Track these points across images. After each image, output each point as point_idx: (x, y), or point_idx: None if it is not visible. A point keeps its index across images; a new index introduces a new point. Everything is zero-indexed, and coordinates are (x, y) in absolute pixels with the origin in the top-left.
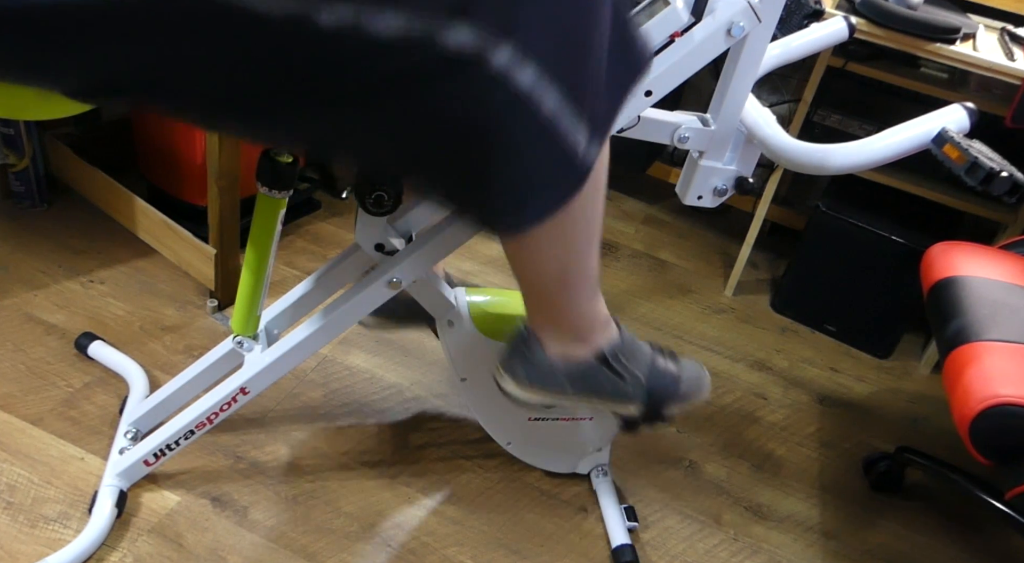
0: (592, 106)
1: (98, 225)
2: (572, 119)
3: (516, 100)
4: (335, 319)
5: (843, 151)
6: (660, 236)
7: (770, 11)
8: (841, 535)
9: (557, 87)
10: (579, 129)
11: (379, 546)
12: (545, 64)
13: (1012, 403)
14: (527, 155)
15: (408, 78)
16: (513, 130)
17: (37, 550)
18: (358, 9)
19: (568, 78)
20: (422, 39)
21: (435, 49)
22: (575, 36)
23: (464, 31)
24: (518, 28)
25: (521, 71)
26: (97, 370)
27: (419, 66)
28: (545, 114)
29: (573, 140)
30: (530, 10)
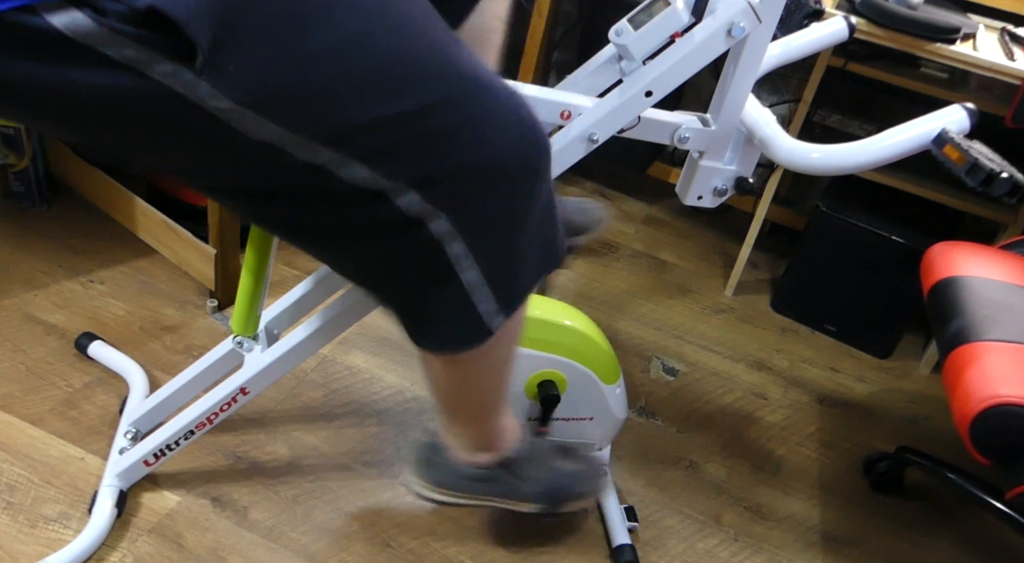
0: (506, 286)
1: (98, 225)
2: (485, 292)
3: (443, 264)
4: (335, 319)
5: (843, 151)
6: (660, 236)
7: (770, 11)
8: (841, 535)
9: (480, 265)
10: (490, 302)
11: (379, 546)
12: (474, 245)
13: (1012, 403)
14: (441, 308)
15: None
16: (435, 285)
17: (37, 550)
18: (336, 158)
19: (491, 261)
20: (379, 194)
21: (388, 204)
22: (506, 229)
23: (415, 199)
24: (459, 211)
25: (452, 243)
26: (97, 370)
27: (372, 212)
28: (464, 282)
29: (483, 309)
30: (474, 202)
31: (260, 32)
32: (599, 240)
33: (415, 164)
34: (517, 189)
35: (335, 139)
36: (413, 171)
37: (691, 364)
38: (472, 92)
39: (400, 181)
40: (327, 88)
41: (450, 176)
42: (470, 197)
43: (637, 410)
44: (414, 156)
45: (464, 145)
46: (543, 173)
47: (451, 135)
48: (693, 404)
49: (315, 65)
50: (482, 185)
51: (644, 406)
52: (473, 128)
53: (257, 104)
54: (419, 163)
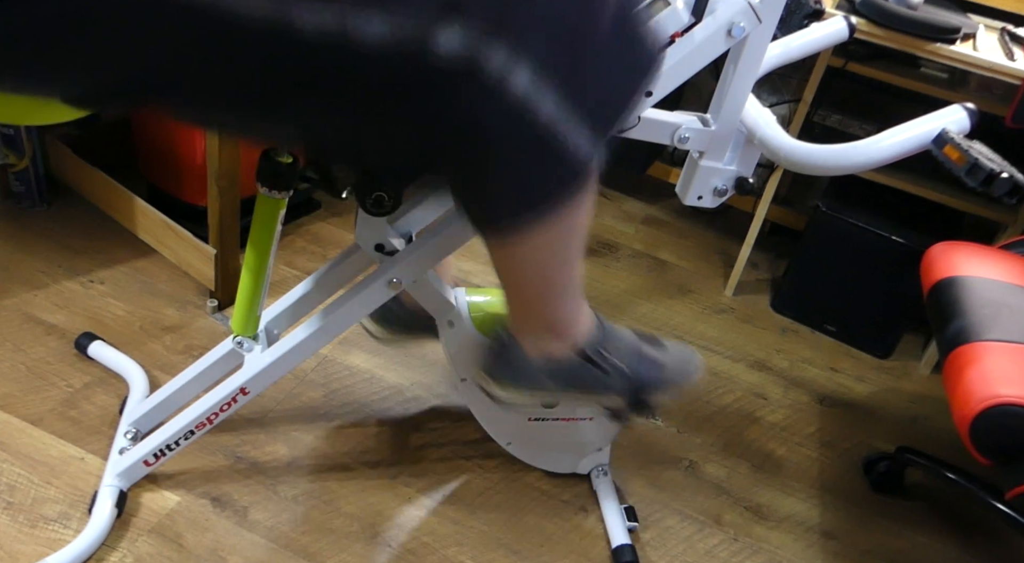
0: (593, 107)
1: (98, 225)
2: (571, 122)
3: (512, 107)
4: (335, 319)
5: (843, 152)
6: (660, 236)
7: (770, 11)
8: (841, 535)
9: (554, 89)
10: (579, 132)
11: (379, 546)
12: (541, 65)
13: (1012, 403)
14: (525, 160)
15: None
16: (510, 137)
17: (37, 550)
18: (340, 12)
19: (566, 79)
20: (412, 47)
21: (426, 58)
22: (573, 34)
23: (455, 33)
24: (511, 27)
25: (516, 74)
26: (97, 370)
27: (411, 77)
28: (542, 119)
29: (572, 143)
30: (524, 9)
31: None
32: (599, 240)
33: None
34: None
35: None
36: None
37: None
38: None
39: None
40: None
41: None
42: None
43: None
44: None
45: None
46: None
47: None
48: (693, 404)
49: None
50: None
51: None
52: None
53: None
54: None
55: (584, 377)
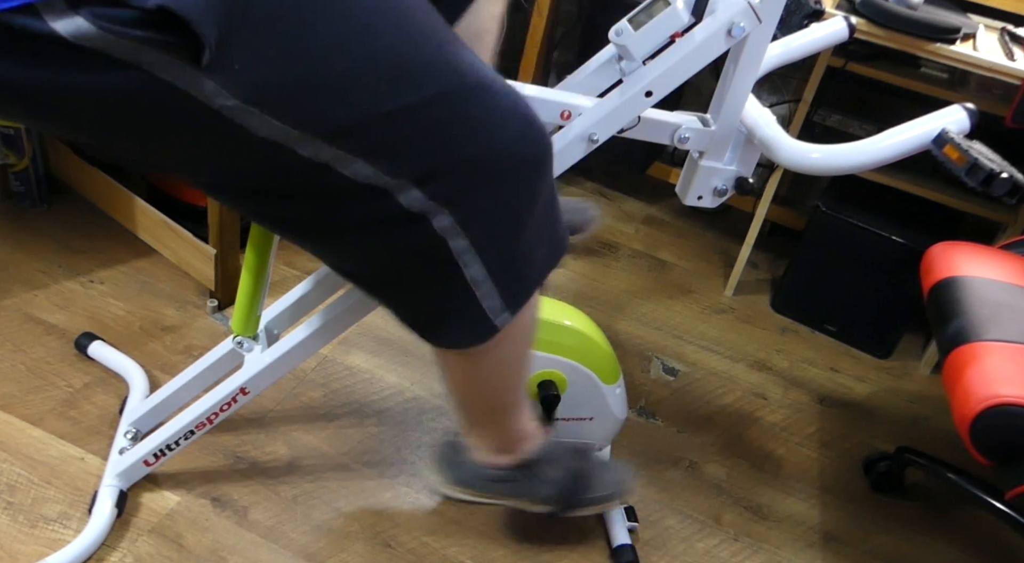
0: (512, 283)
1: (98, 225)
2: (490, 288)
3: (447, 259)
4: (335, 319)
5: (843, 151)
6: (660, 236)
7: (770, 11)
8: (841, 535)
9: (484, 261)
10: (495, 298)
11: (379, 546)
12: (477, 240)
13: (1012, 403)
14: (446, 304)
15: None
16: (439, 281)
17: (37, 550)
18: (334, 155)
19: (495, 256)
20: (382, 191)
21: (391, 201)
22: (510, 224)
23: (417, 195)
24: (461, 206)
25: (455, 238)
26: (97, 370)
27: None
28: (468, 278)
29: (488, 305)
30: (477, 198)
31: (264, 29)
32: (599, 240)
33: (417, 159)
34: (519, 184)
35: (338, 135)
36: (415, 166)
37: (691, 364)
38: (473, 87)
39: (403, 177)
40: (330, 83)
41: (452, 171)
42: (472, 192)
43: (637, 410)
44: (416, 151)
45: (465, 139)
46: (545, 167)
47: (453, 129)
48: (693, 404)
49: (318, 60)
50: (484, 180)
51: (644, 406)
52: (474, 123)
53: (262, 101)
54: (421, 158)
55: (525, 486)
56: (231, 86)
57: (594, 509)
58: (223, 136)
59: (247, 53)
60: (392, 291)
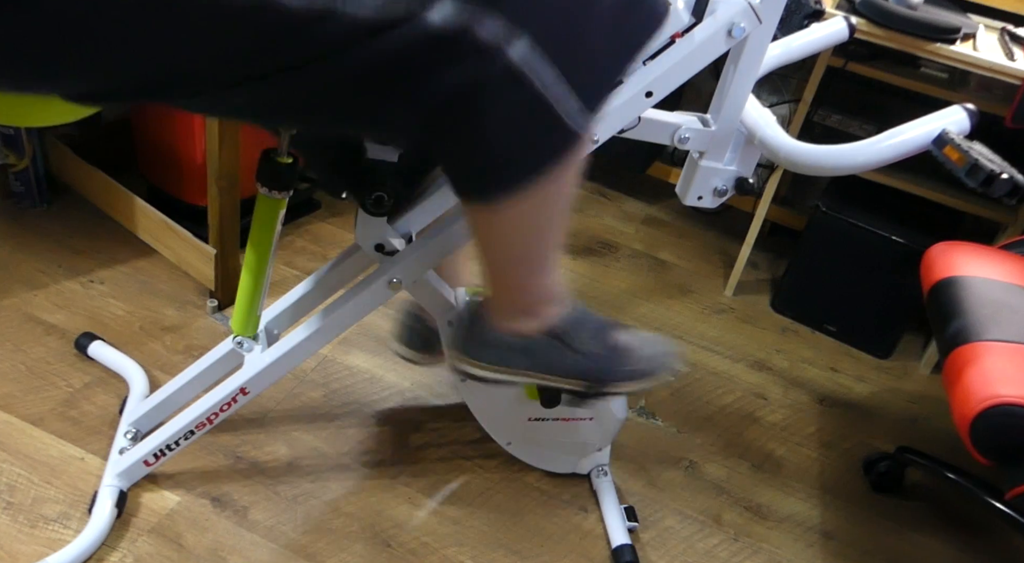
0: (586, 80)
1: (98, 225)
2: (564, 92)
3: (507, 74)
4: (335, 319)
5: (843, 152)
6: (660, 236)
7: (770, 12)
8: (841, 535)
9: (550, 59)
10: (571, 102)
11: (379, 546)
12: (537, 36)
13: (1012, 403)
14: (517, 126)
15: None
16: (504, 103)
17: (37, 550)
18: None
19: (562, 52)
20: (404, 19)
21: (419, 28)
22: (570, 8)
23: (448, 5)
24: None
25: (512, 44)
26: (97, 370)
27: (404, 48)
28: (537, 88)
29: (564, 112)
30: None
31: None
32: (599, 240)
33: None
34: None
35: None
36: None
37: (691, 364)
38: None
39: None
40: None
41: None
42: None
43: (637, 410)
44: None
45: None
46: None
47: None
48: (693, 404)
49: None
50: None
51: (644, 406)
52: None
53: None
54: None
55: (552, 357)
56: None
57: (632, 386)
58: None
59: None
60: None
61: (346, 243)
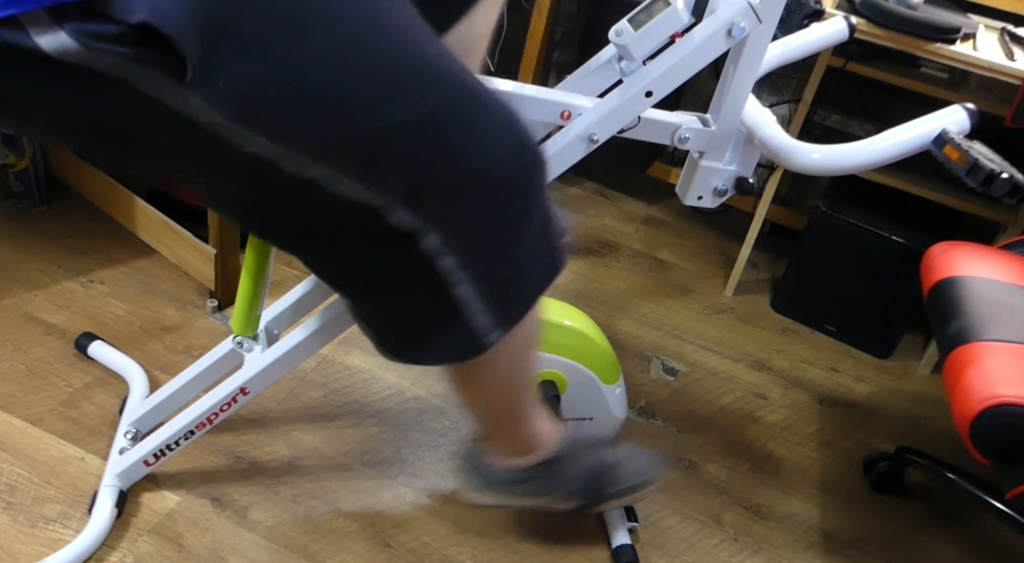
0: (503, 301)
1: (98, 225)
2: (479, 307)
3: (433, 279)
4: (335, 319)
5: (843, 152)
6: (660, 236)
7: (770, 11)
8: (841, 535)
9: (472, 280)
10: (484, 316)
11: (379, 546)
12: (465, 260)
13: (1012, 403)
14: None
15: (352, 232)
16: (426, 299)
17: (37, 550)
18: (323, 172)
19: (485, 276)
20: (370, 210)
21: (379, 221)
22: (501, 243)
23: (406, 215)
24: (450, 226)
25: (444, 258)
26: (97, 370)
27: (362, 227)
28: (456, 297)
29: (476, 324)
30: (466, 217)
31: (248, 44)
32: (599, 240)
33: (405, 178)
34: (511, 201)
35: (324, 152)
36: (403, 186)
37: (691, 364)
38: (464, 102)
39: (391, 197)
40: (315, 100)
41: (441, 190)
42: (462, 211)
43: (637, 410)
44: (404, 170)
45: (456, 157)
46: (538, 183)
47: (442, 148)
48: (693, 404)
49: (303, 76)
50: (474, 198)
51: (644, 406)
52: (465, 140)
53: (246, 117)
54: (409, 177)
55: (547, 484)
56: (215, 102)
57: (624, 501)
58: (209, 151)
59: (231, 69)
60: (377, 306)
61: None
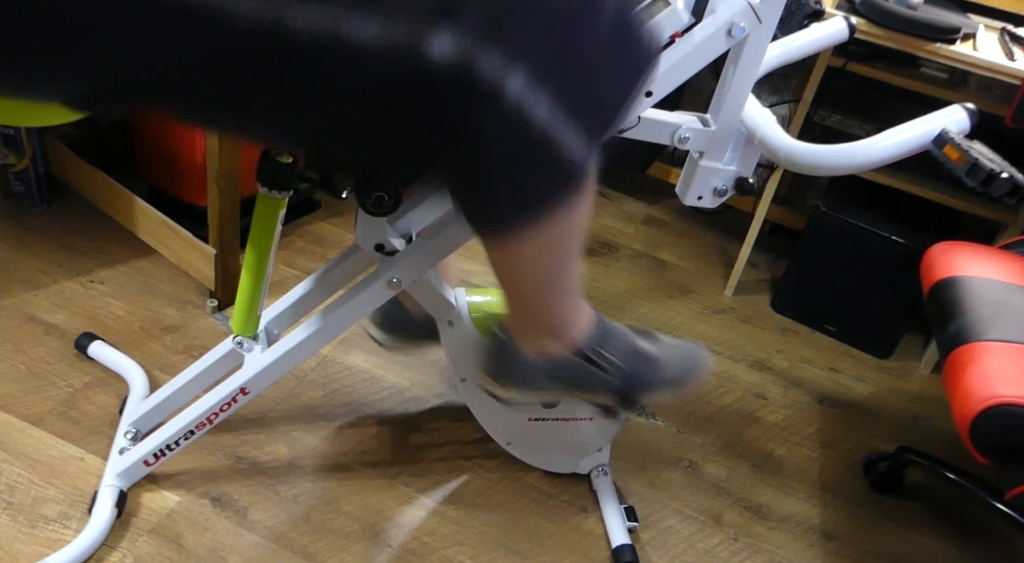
0: (589, 112)
1: (98, 225)
2: (566, 126)
3: (507, 112)
4: (335, 319)
5: (843, 151)
6: (660, 236)
7: (770, 11)
8: (841, 535)
9: (550, 95)
10: (574, 136)
11: (379, 546)
12: (536, 71)
13: (1012, 403)
14: (521, 164)
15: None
16: (506, 141)
17: (37, 550)
18: (333, 13)
19: (562, 85)
20: (405, 50)
21: (420, 62)
22: (569, 39)
23: (447, 38)
24: (505, 32)
25: (510, 80)
26: (97, 370)
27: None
28: (537, 124)
29: (568, 147)
30: (518, 13)
31: None
32: (599, 240)
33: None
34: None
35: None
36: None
37: None
38: None
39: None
40: None
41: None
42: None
43: (637, 410)
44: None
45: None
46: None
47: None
48: (693, 404)
49: None
50: None
51: (644, 406)
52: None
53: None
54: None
55: (581, 376)
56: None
57: (665, 393)
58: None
59: None
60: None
61: (346, 243)
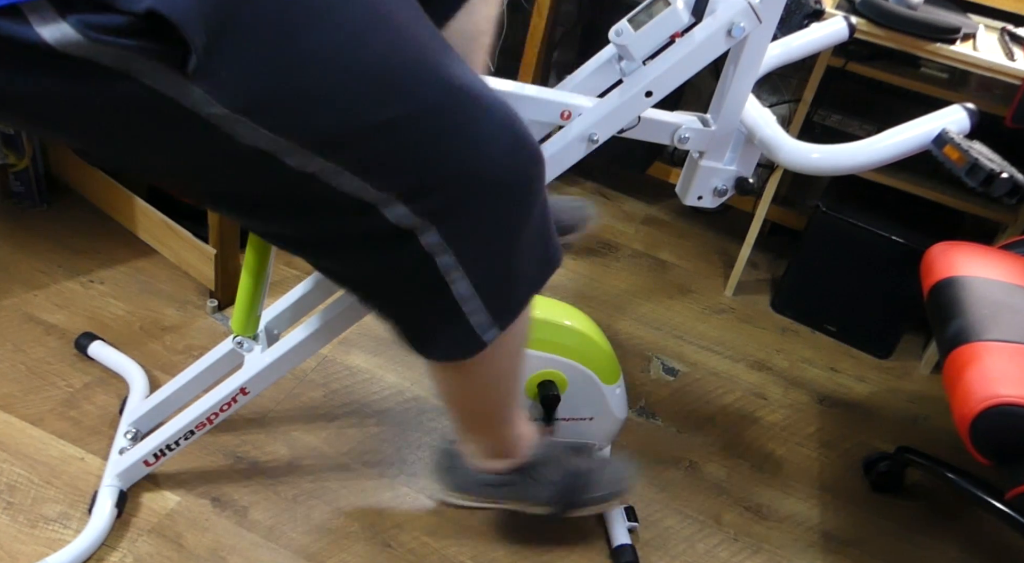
0: (500, 299)
1: (98, 225)
2: (478, 304)
3: (434, 275)
4: (335, 319)
5: (843, 151)
6: (660, 236)
7: (770, 11)
8: (841, 535)
9: (471, 277)
10: (482, 314)
11: (379, 546)
12: (464, 257)
13: (1012, 403)
14: (434, 318)
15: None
16: (427, 296)
17: (37, 550)
18: (324, 166)
19: (483, 273)
20: (370, 206)
21: (379, 216)
22: (499, 241)
23: (404, 211)
24: (449, 223)
25: (442, 255)
26: (97, 370)
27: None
28: (455, 294)
29: (475, 321)
30: (465, 214)
31: (252, 36)
32: (599, 240)
33: (404, 173)
34: (509, 200)
35: (326, 146)
36: (402, 181)
37: (691, 364)
38: (462, 100)
39: (389, 191)
40: (318, 92)
41: (440, 186)
42: (461, 209)
43: (637, 410)
44: (403, 165)
45: (454, 154)
46: (536, 183)
47: (441, 144)
48: (693, 404)
49: (306, 69)
50: (473, 196)
51: (644, 406)
52: (463, 137)
53: (249, 109)
54: (408, 172)
55: (521, 489)
56: (218, 94)
57: (595, 509)
58: (211, 145)
59: (235, 60)
60: (380, 302)
61: None
